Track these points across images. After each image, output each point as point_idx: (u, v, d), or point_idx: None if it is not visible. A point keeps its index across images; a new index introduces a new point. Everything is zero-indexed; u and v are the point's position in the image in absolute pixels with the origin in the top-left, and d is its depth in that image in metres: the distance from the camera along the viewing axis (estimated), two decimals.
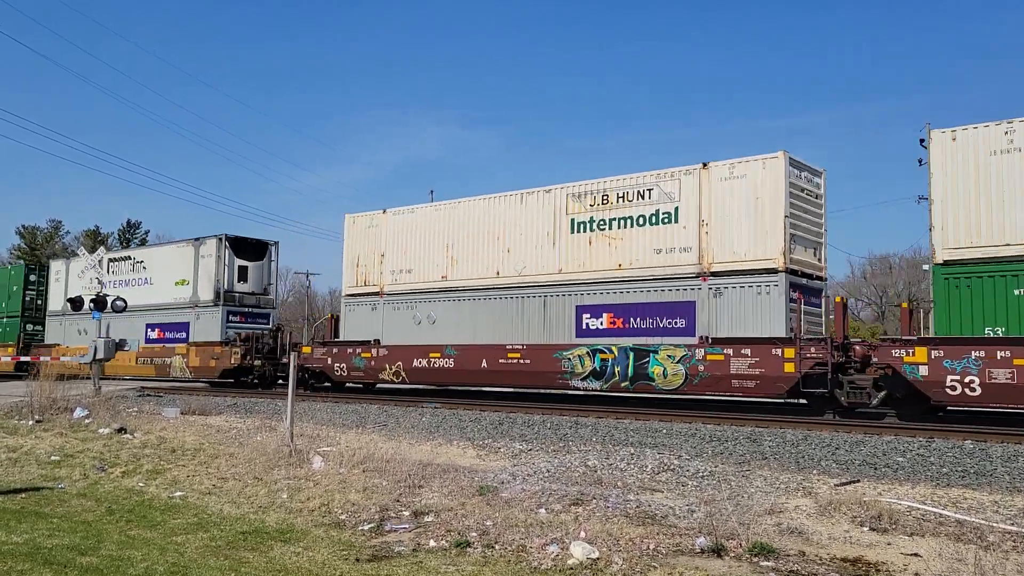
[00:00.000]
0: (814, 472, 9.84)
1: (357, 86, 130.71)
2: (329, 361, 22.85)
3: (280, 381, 25.55)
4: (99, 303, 23.10)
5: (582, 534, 6.87)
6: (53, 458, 11.91)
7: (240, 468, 10.56)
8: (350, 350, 22.44)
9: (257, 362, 25.59)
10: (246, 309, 27.95)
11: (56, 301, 33.34)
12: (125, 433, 14.01)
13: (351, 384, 23.99)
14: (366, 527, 7.70)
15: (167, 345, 28.40)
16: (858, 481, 9.27)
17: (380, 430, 14.18)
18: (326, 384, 23.93)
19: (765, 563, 6.19)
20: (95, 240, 69.57)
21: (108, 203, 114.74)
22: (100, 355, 21.46)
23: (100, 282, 25.09)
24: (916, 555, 6.35)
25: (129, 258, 31.20)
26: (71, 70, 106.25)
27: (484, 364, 19.68)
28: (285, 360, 24.22)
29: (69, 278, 32.75)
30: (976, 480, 9.28)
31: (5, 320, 35.38)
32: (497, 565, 6.39)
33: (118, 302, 25.64)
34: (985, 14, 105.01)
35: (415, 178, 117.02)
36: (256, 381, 25.82)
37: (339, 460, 10.48)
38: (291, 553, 6.89)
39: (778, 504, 8.11)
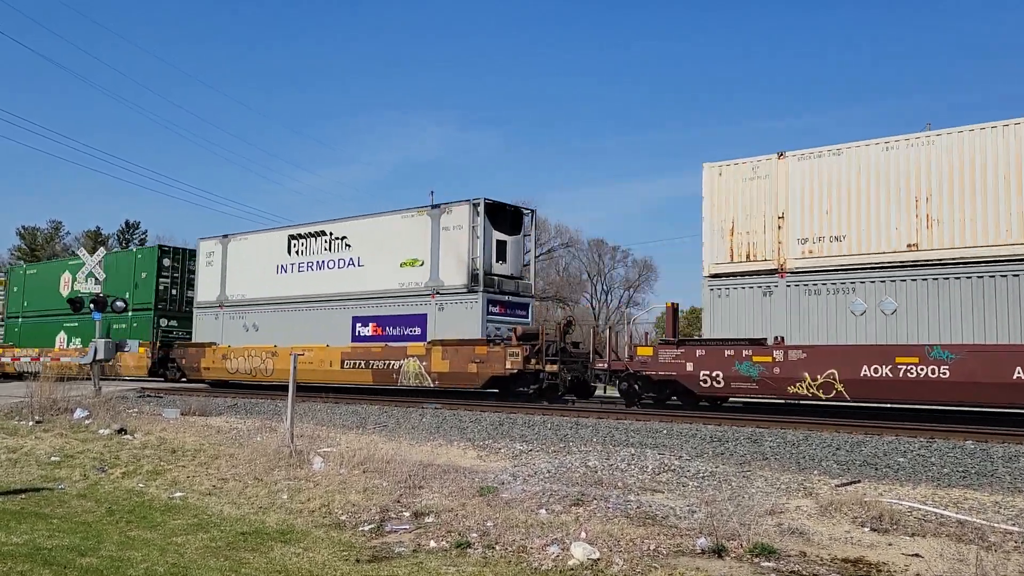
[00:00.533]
0: (815, 472, 9.83)
1: (357, 86, 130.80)
2: (690, 368, 16.66)
3: (568, 394, 19.93)
4: (99, 303, 23.07)
5: (583, 535, 6.86)
6: (53, 459, 11.91)
7: (240, 469, 10.56)
8: (729, 352, 16.24)
9: (551, 367, 19.15)
10: (505, 297, 20.96)
11: (209, 290, 27.07)
12: (125, 434, 14.00)
13: (715, 398, 17.83)
14: (366, 528, 7.69)
15: (391, 344, 21.76)
16: (859, 481, 9.25)
17: (380, 431, 14.16)
18: (665, 398, 18.10)
19: (766, 564, 6.18)
20: (95, 241, 69.56)
21: (108, 204, 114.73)
22: (100, 356, 21.45)
23: (97, 280, 24.31)
24: (917, 556, 6.34)
25: (324, 233, 24.04)
26: (71, 70, 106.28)
27: (1019, 374, 13.39)
28: (601, 365, 18.98)
29: (228, 262, 26.60)
30: (977, 480, 9.26)
31: (133, 314, 29.46)
32: (498, 566, 6.38)
33: (118, 303, 25.53)
34: (985, 14, 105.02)
35: (415, 178, 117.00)
36: (537, 391, 19.44)
37: (339, 461, 10.48)
38: (291, 554, 6.88)
39: (779, 505, 8.10)
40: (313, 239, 24.43)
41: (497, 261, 20.99)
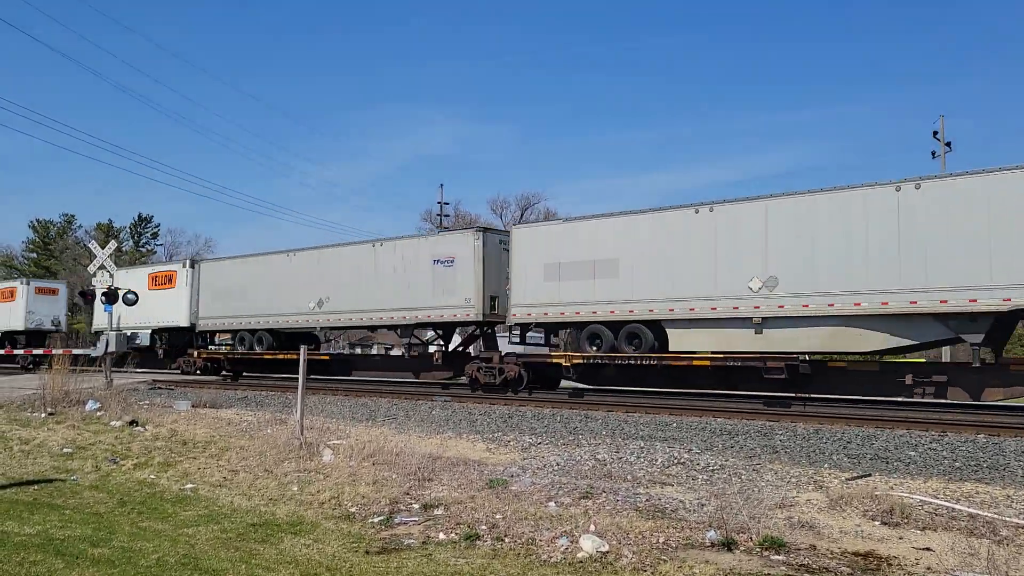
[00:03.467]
0: (825, 466, 9.79)
1: (367, 80, 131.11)
2: None
3: None
4: (110, 296, 23.17)
5: (592, 527, 6.86)
6: (65, 450, 11.99)
7: (251, 461, 10.60)
8: None
9: None
10: None
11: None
12: (137, 426, 14.08)
13: None
14: (376, 520, 7.71)
15: None
16: (870, 475, 9.21)
17: (390, 423, 14.19)
18: None
19: (776, 557, 6.16)
20: (107, 234, 69.88)
21: (119, 197, 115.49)
22: (111, 348, 21.56)
23: (110, 273, 24.24)
24: (928, 549, 6.30)
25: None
26: (83, 64, 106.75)
27: None
28: None
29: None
30: (989, 474, 9.21)
31: None
32: (507, 558, 6.38)
33: (129, 295, 25.57)
34: (985, 15, 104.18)
35: (425, 172, 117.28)
36: None
37: (349, 453, 10.50)
38: (301, 545, 6.91)
39: (789, 498, 8.08)
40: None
41: None
